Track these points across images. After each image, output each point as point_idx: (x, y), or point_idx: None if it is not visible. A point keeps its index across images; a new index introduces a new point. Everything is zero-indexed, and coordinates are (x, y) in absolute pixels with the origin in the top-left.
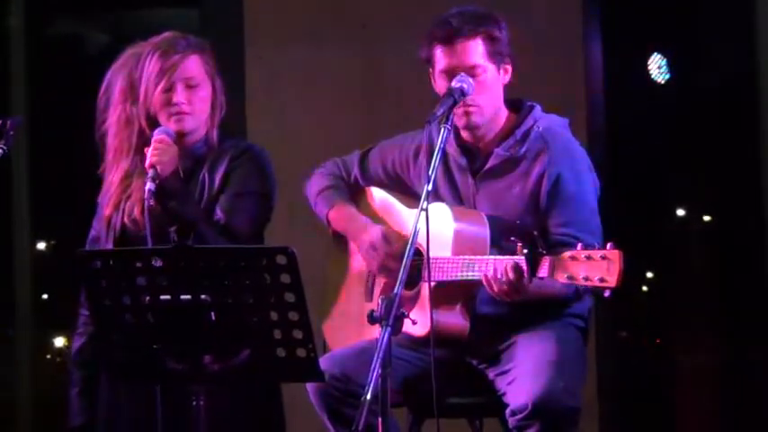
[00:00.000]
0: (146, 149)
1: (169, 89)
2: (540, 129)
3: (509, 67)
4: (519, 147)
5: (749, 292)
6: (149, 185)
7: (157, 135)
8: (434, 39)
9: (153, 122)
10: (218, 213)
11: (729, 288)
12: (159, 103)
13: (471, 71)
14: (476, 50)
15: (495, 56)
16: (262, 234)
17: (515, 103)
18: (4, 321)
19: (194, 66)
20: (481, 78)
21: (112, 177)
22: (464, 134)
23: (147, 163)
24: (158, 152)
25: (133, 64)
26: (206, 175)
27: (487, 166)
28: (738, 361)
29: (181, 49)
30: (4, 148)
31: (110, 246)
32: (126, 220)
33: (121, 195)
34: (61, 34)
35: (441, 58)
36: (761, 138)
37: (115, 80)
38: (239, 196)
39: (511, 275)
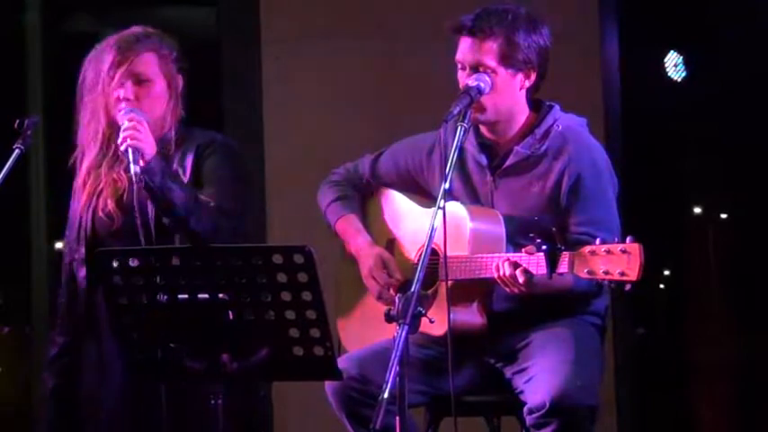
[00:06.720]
0: (120, 132)
1: (121, 85)
2: (561, 128)
3: (533, 74)
4: (539, 145)
5: (767, 288)
6: (135, 168)
7: (126, 115)
8: (454, 27)
9: (110, 116)
10: (205, 197)
11: (747, 284)
12: (113, 99)
13: (477, 69)
14: (487, 51)
15: (510, 60)
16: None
17: (535, 103)
18: (22, 320)
19: (147, 63)
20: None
21: (83, 170)
22: (484, 131)
23: (126, 145)
24: (137, 133)
25: (101, 55)
26: (176, 167)
27: (507, 163)
28: (756, 356)
29: (137, 46)
30: (21, 147)
31: (82, 249)
32: (101, 213)
33: (92, 188)
34: (78, 32)
35: (458, 47)
36: None
37: (87, 72)
38: (221, 178)
39: (508, 271)
